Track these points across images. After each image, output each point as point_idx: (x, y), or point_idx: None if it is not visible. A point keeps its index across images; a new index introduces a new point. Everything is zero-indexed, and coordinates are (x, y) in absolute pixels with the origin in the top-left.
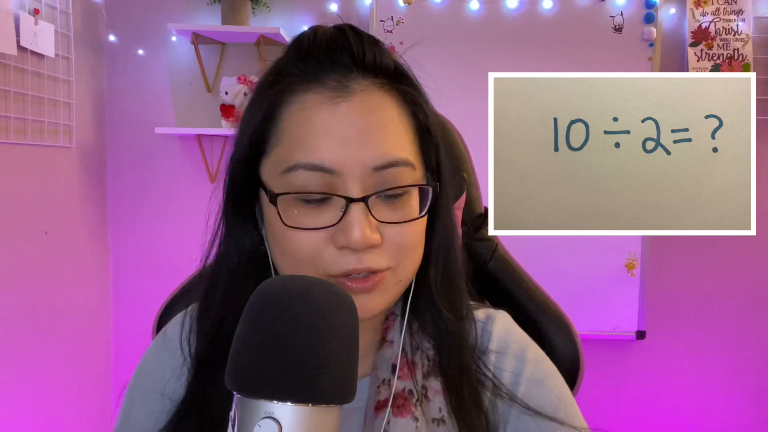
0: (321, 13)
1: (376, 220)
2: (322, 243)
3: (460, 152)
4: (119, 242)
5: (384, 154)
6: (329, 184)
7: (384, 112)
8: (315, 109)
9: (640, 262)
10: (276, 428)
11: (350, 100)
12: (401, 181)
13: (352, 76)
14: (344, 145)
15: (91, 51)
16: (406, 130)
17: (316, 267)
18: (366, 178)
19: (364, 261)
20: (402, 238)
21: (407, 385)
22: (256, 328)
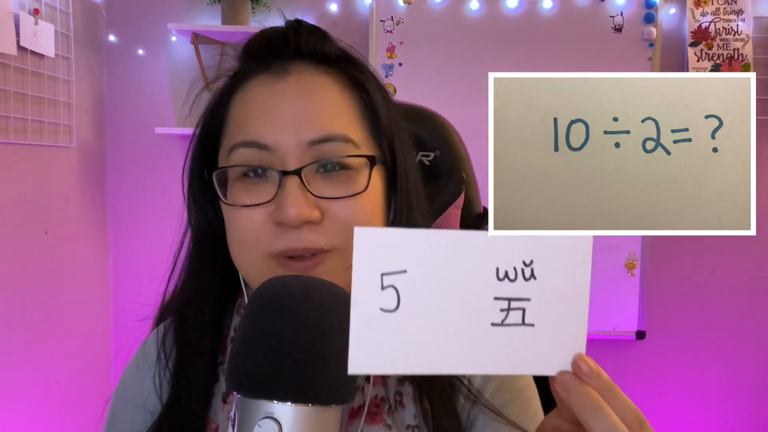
0: (321, 13)
1: (313, 196)
2: (262, 221)
3: (459, 152)
4: (119, 242)
5: (320, 129)
6: (266, 160)
7: (323, 90)
8: (254, 91)
9: (640, 262)
10: (276, 428)
11: (286, 80)
12: (341, 155)
13: (293, 62)
14: (279, 121)
15: (91, 51)
16: (349, 111)
17: (258, 246)
18: (302, 154)
19: (303, 240)
20: (345, 215)
21: (380, 391)
22: (256, 328)
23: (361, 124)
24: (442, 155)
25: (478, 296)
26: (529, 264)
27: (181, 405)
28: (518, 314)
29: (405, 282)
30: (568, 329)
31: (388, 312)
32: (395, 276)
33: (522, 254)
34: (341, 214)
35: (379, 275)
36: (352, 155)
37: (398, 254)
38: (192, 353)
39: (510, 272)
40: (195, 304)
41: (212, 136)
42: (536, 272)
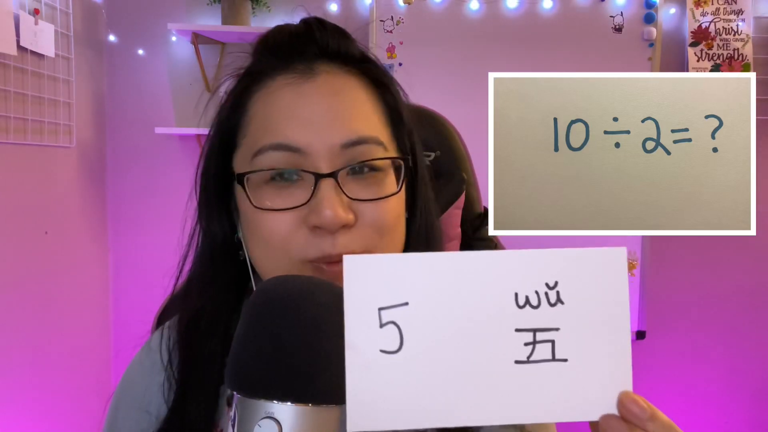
0: (321, 13)
1: (348, 198)
2: (294, 226)
3: (460, 152)
4: (119, 242)
5: (351, 132)
6: (297, 164)
7: (351, 92)
8: (280, 92)
9: (640, 262)
10: (276, 428)
11: (315, 81)
12: (372, 158)
13: (317, 62)
14: (310, 124)
15: (91, 51)
16: (375, 112)
17: (289, 252)
18: (334, 157)
19: (338, 246)
20: (377, 217)
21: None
22: (257, 328)
23: (386, 125)
24: (443, 155)
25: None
26: (554, 286)
27: (187, 409)
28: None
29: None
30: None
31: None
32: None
33: (544, 275)
34: (372, 216)
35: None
36: (384, 158)
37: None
38: (200, 358)
39: (532, 297)
40: (206, 312)
41: (229, 138)
42: (563, 296)
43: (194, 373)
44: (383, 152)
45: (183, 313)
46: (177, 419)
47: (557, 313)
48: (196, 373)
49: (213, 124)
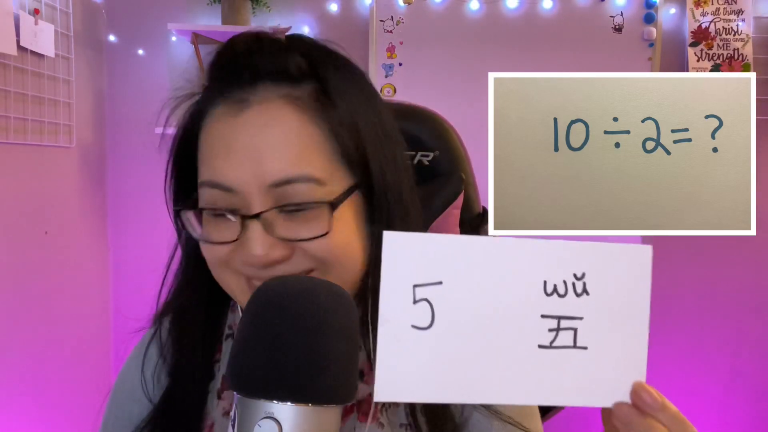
0: (321, 13)
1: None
2: (231, 254)
3: (458, 152)
4: (119, 242)
5: (279, 171)
6: (230, 202)
7: (284, 124)
8: (217, 125)
9: None
10: (276, 428)
11: (242, 115)
12: (301, 198)
13: (254, 87)
14: (238, 162)
15: (91, 51)
16: (315, 142)
17: (230, 269)
18: (264, 196)
19: (275, 270)
20: (316, 251)
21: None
22: (257, 328)
23: (328, 152)
24: (442, 155)
25: (524, 313)
26: (581, 277)
27: (176, 401)
28: (569, 335)
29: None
30: (626, 353)
31: (420, 330)
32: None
33: (572, 266)
34: (310, 250)
35: (411, 287)
36: (314, 200)
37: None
38: (187, 351)
39: (559, 286)
40: (189, 308)
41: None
42: (589, 287)
43: (182, 365)
44: (317, 189)
45: (166, 309)
46: (166, 410)
47: (582, 303)
48: (184, 366)
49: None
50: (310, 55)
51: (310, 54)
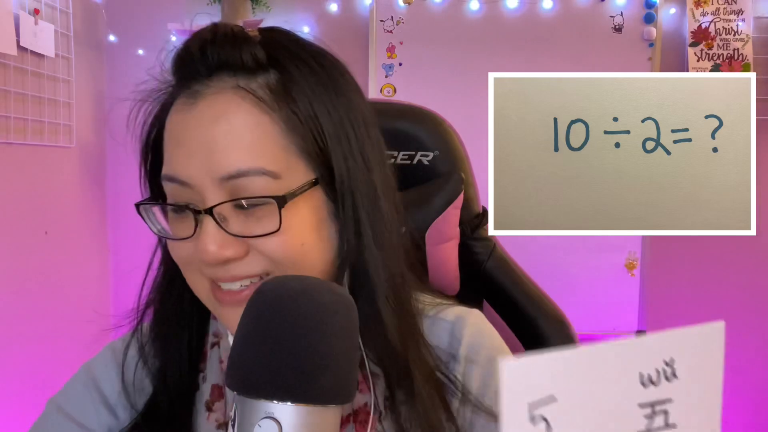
0: (321, 13)
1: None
2: (192, 252)
3: (458, 152)
4: (119, 242)
5: (231, 163)
6: (186, 196)
7: (237, 116)
8: (173, 119)
9: (640, 262)
10: (276, 428)
11: (195, 108)
12: (253, 192)
13: (210, 79)
14: (190, 155)
15: (91, 51)
16: (271, 135)
17: (194, 269)
18: (218, 190)
19: (231, 270)
20: (270, 250)
21: (368, 398)
22: (256, 328)
23: (285, 146)
24: (442, 155)
25: (624, 407)
26: (670, 363)
27: (160, 413)
28: (662, 417)
29: (555, 410)
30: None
31: None
32: (544, 406)
33: (664, 353)
34: (266, 248)
35: (528, 408)
36: (265, 195)
37: (546, 380)
38: (170, 361)
39: (653, 375)
40: (169, 314)
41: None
42: (677, 370)
43: (165, 376)
44: (270, 183)
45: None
46: (149, 421)
47: (671, 386)
48: (167, 377)
49: (141, 145)
50: (271, 46)
51: (272, 45)
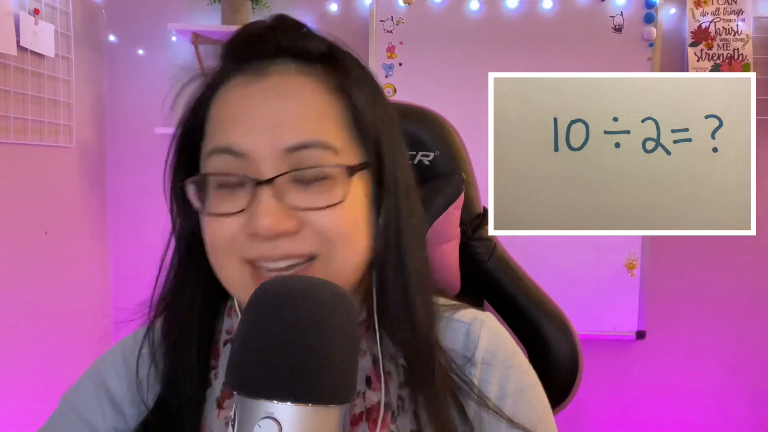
0: (321, 13)
1: (289, 205)
2: (237, 230)
3: (459, 152)
4: (119, 242)
5: (296, 135)
6: (241, 168)
7: (301, 93)
8: (229, 93)
9: (640, 262)
10: (276, 428)
11: (263, 82)
12: (315, 162)
13: (275, 61)
14: (255, 127)
15: (91, 51)
16: (329, 114)
17: (232, 254)
18: (278, 162)
19: (280, 247)
20: (325, 225)
21: (381, 397)
22: (256, 327)
23: (343, 127)
24: (442, 155)
25: None
26: None
27: (170, 410)
28: None
29: None
30: None
31: None
32: None
33: None
34: (320, 223)
35: None
36: (330, 165)
37: None
38: (181, 358)
39: None
40: (182, 310)
41: (193, 139)
42: None
43: (176, 373)
44: (332, 157)
45: (159, 309)
46: (160, 419)
47: None
48: (178, 374)
49: (176, 128)
50: (329, 42)
51: (329, 42)
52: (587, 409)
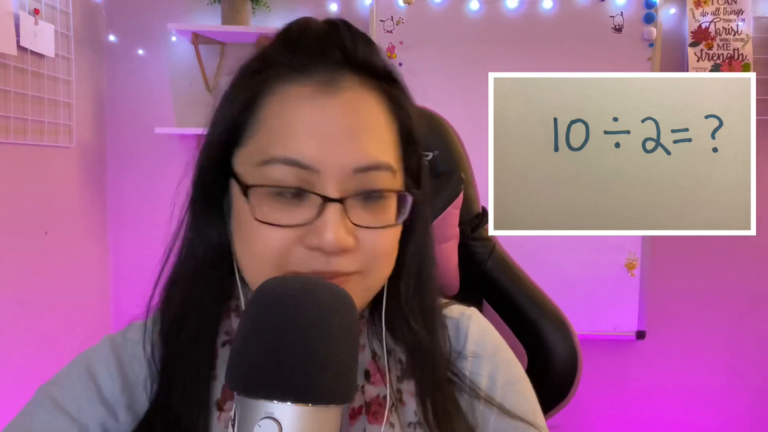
0: (321, 13)
1: (351, 223)
2: (291, 242)
3: (458, 152)
4: (119, 242)
5: (366, 156)
6: (306, 181)
7: (370, 113)
8: (298, 102)
9: (640, 262)
10: (276, 428)
11: (336, 97)
12: (381, 185)
13: (341, 72)
14: (326, 142)
15: (91, 51)
16: (389, 133)
17: (281, 266)
18: (345, 179)
19: (333, 264)
20: (376, 244)
21: (381, 390)
22: (257, 328)
23: (397, 147)
24: (441, 155)
25: None
26: None
27: (169, 412)
28: None
29: None
30: None
31: None
32: None
33: None
34: (373, 242)
35: None
36: (393, 189)
37: None
38: (184, 360)
39: None
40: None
41: (234, 133)
42: None
43: (177, 375)
44: (392, 178)
45: (165, 312)
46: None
47: None
48: (179, 376)
49: (219, 114)
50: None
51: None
52: (587, 409)
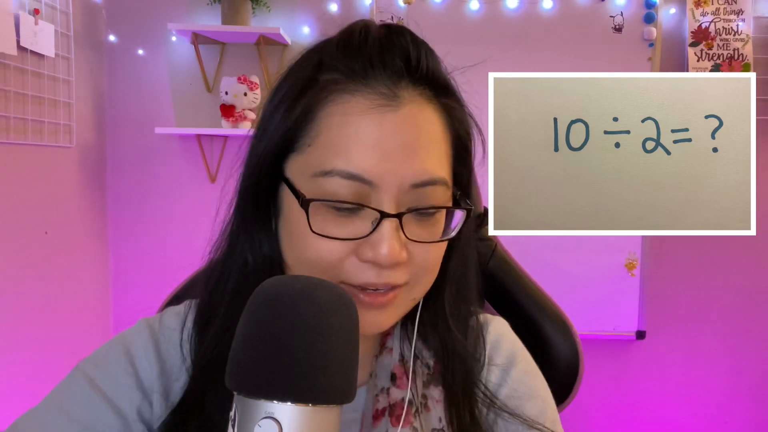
0: (321, 13)
1: (405, 238)
2: (344, 254)
3: None
4: (119, 242)
5: (424, 172)
6: (363, 195)
7: (429, 126)
8: (360, 116)
9: (640, 262)
10: (276, 428)
11: (397, 111)
12: (436, 200)
13: (401, 84)
14: (386, 157)
15: (91, 51)
16: (446, 147)
17: (333, 277)
18: (402, 194)
19: (384, 276)
20: (427, 257)
21: (406, 394)
22: (257, 327)
23: (450, 160)
24: None
25: None
26: None
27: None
28: None
29: None
30: None
31: None
32: None
33: None
34: (423, 256)
35: None
36: (446, 206)
37: None
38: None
39: None
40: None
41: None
42: None
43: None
44: (445, 192)
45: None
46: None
47: None
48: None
49: (274, 120)
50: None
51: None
52: (587, 409)
